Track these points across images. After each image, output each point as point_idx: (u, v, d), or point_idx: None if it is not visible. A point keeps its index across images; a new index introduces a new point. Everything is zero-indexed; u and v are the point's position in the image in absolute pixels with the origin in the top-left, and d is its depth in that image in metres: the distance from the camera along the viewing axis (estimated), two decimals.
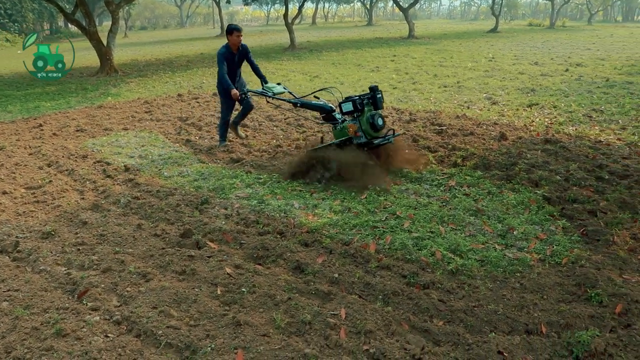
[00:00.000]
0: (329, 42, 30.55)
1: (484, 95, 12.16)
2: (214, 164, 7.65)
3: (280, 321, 3.74)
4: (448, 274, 4.43)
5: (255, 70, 8.34)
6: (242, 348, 3.46)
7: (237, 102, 8.33)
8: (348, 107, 6.63)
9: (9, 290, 4.31)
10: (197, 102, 12.02)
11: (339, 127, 6.81)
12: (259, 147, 8.36)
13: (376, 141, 6.47)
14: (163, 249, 4.97)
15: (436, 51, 22.97)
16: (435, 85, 13.59)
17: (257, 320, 3.77)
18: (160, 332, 3.68)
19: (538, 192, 6.00)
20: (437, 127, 8.97)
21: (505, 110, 10.52)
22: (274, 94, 7.40)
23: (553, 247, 4.82)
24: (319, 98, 7.41)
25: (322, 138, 7.48)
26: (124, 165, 7.62)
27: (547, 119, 9.56)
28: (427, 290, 4.16)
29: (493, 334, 3.64)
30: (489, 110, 10.56)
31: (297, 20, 42.85)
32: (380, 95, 6.78)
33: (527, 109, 10.55)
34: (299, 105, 7.21)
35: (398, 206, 5.75)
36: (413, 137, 8.37)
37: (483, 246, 4.87)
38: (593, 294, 3.98)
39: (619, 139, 8.12)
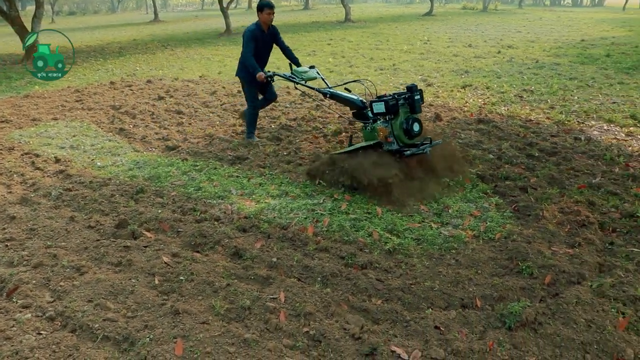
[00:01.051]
0: None
1: (419, 77, 12.36)
2: (149, 153, 7.49)
3: (220, 308, 3.72)
4: (385, 253, 4.51)
5: (286, 52, 7.52)
6: (181, 337, 3.43)
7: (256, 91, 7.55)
8: (380, 107, 5.76)
9: None
10: (131, 90, 11.71)
11: (368, 127, 6.06)
12: (195, 134, 8.23)
13: (408, 151, 5.60)
14: (98, 240, 4.85)
15: (372, 34, 23.14)
16: (372, 68, 13.70)
17: (196, 308, 3.73)
18: (97, 325, 3.59)
19: (472, 170, 6.16)
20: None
21: (440, 91, 10.73)
22: (305, 80, 6.75)
23: (487, 223, 4.98)
24: (350, 90, 6.85)
25: (350, 137, 6.73)
26: (55, 157, 7.36)
27: (480, 100, 9.81)
28: (365, 270, 4.22)
29: (430, 310, 3.74)
30: (424, 91, 10.73)
31: (232, 5, 42.25)
32: (419, 97, 5.80)
33: (461, 90, 10.80)
34: (328, 96, 6.59)
35: (335, 189, 5.80)
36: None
37: (419, 225, 4.98)
38: (524, 267, 4.13)
39: (548, 118, 8.42)
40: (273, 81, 7.20)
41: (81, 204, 5.69)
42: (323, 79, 7.02)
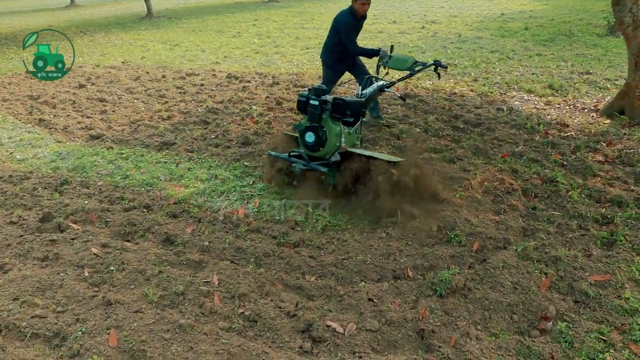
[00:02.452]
0: (189, 9, 29.53)
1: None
2: (72, 143, 7.24)
3: (153, 295, 3.68)
4: (317, 231, 4.56)
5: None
6: (114, 327, 3.37)
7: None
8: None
9: None
10: None
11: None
12: (119, 122, 8.01)
13: (296, 167, 4.96)
14: (21, 236, 4.67)
15: (297, 14, 23.02)
16: (298, 48, 13.67)
17: (129, 298, 3.68)
18: (24, 323, 3.47)
19: (400, 144, 6.29)
20: (300, 89, 9.07)
21: (367, 66, 10.82)
22: (414, 71, 5.66)
23: None
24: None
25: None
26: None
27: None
28: (298, 248, 4.27)
29: (363, 283, 3.83)
30: None
31: None
32: (316, 102, 4.85)
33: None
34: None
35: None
36: (276, 100, 8.42)
37: (348, 201, 5.05)
38: (453, 236, 4.28)
39: (471, 90, 8.67)
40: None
41: (1, 200, 5.46)
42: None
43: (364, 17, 6.67)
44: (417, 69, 5.62)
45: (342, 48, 6.59)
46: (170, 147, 6.78)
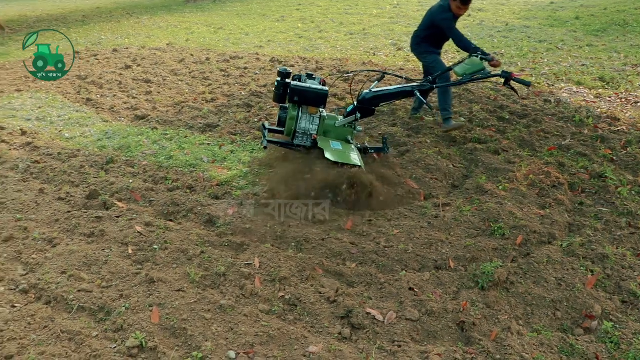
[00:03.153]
0: None
1: (390, 41, 12.30)
2: (118, 123, 7.37)
3: (195, 275, 3.73)
4: (359, 217, 4.54)
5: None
6: (157, 305, 3.44)
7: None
8: None
9: None
10: (97, 59, 11.44)
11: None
12: (164, 103, 8.12)
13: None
14: (69, 212, 4.79)
15: None
16: (342, 33, 13.59)
17: (171, 277, 3.74)
18: (72, 296, 3.58)
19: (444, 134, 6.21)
20: (345, 75, 9.02)
21: (411, 55, 10.69)
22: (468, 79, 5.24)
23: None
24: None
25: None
26: (21, 129, 7.19)
27: (451, 64, 9.80)
28: (339, 235, 4.25)
29: (404, 272, 3.81)
30: (394, 56, 10.71)
31: None
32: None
33: None
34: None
35: None
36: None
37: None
38: (496, 228, 4.22)
39: None
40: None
41: (50, 176, 5.61)
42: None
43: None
44: (475, 77, 5.11)
45: (433, 41, 6.44)
46: (214, 129, 6.84)
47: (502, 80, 4.94)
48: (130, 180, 5.35)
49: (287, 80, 4.97)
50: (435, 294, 3.53)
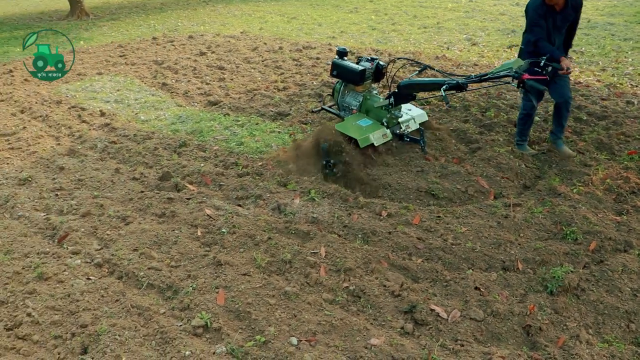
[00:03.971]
0: None
1: (464, 36, 12.04)
2: (192, 107, 7.54)
3: (261, 260, 3.78)
4: (427, 212, 4.48)
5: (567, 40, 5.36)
6: (223, 287, 3.51)
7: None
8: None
9: None
10: (173, 45, 11.73)
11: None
12: (236, 90, 8.24)
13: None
14: (142, 192, 4.95)
15: None
16: (415, 26, 13.41)
17: (238, 260, 3.80)
18: (142, 273, 3.71)
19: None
20: (417, 69, 8.89)
21: (485, 51, 10.45)
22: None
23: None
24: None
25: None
26: (100, 110, 7.48)
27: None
28: (406, 229, 4.21)
29: (470, 270, 3.73)
30: (468, 51, 10.48)
31: None
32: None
33: (507, 50, 10.49)
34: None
35: None
36: (392, 78, 8.29)
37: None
38: (568, 232, 4.06)
39: (598, 81, 8.14)
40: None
41: (126, 156, 5.81)
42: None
43: (572, 10, 5.05)
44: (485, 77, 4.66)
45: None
46: (285, 117, 6.89)
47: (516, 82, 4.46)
48: (202, 164, 5.46)
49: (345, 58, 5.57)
50: (502, 295, 3.44)
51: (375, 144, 5.05)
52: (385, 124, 5.24)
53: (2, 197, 4.96)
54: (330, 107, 6.04)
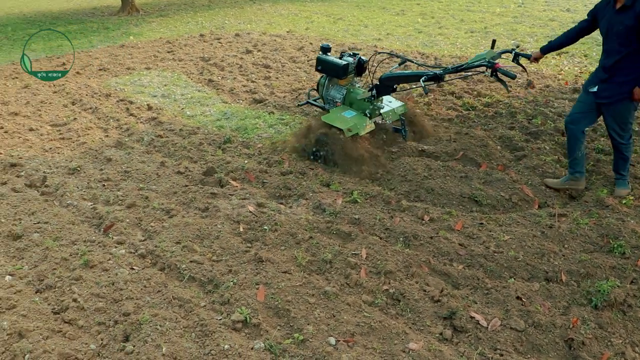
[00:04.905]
0: None
1: (512, 42, 11.84)
2: (237, 104, 7.62)
3: (302, 259, 3.79)
4: (470, 219, 4.42)
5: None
6: (263, 284, 3.53)
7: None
8: None
9: (38, 223, 4.42)
10: (220, 43, 11.88)
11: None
12: (281, 88, 8.29)
13: None
14: (186, 186, 5.03)
15: None
16: (462, 31, 13.26)
17: (279, 258, 3.83)
18: (184, 266, 3.76)
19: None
20: (463, 73, 8.78)
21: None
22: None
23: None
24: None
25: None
26: (147, 104, 7.63)
27: (576, 68, 9.32)
28: (448, 234, 4.17)
29: (512, 279, 3.67)
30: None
31: None
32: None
33: (556, 57, 10.27)
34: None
35: None
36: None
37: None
38: (616, 245, 3.95)
39: None
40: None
41: (171, 150, 5.91)
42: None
43: (624, 8, 4.29)
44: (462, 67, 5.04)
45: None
46: None
47: (490, 72, 4.82)
48: (245, 161, 5.51)
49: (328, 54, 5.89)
50: (544, 307, 3.38)
51: (360, 134, 5.35)
52: (368, 115, 5.55)
53: (53, 185, 5.11)
54: (315, 100, 6.38)
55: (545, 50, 5.17)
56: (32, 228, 4.34)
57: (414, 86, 6.68)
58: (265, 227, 4.22)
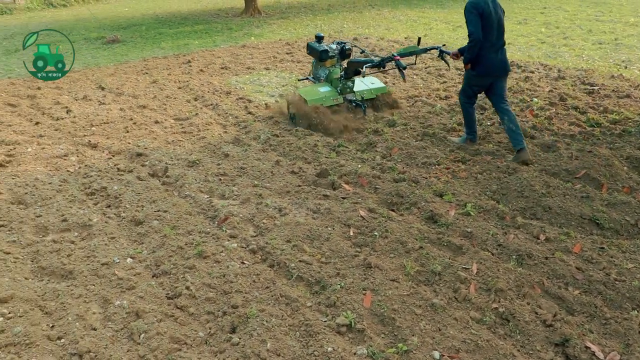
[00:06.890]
0: None
1: None
2: None
3: (410, 268, 3.74)
4: (590, 242, 4.17)
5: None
6: (371, 290, 3.51)
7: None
8: None
9: (159, 211, 4.67)
10: None
11: None
12: (397, 94, 8.23)
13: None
14: (299, 186, 5.11)
15: (593, 4, 21.11)
16: (589, 42, 12.56)
17: (388, 265, 3.79)
18: (293, 265, 3.82)
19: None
20: (588, 87, 8.32)
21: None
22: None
23: None
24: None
25: None
26: (265, 103, 7.85)
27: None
28: (565, 256, 3.95)
29: (636, 312, 3.41)
30: None
31: None
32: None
33: None
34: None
35: None
36: (560, 95, 7.83)
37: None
38: None
39: None
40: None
41: (286, 150, 6.03)
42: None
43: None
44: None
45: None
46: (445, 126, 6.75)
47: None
48: (359, 166, 5.52)
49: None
50: None
51: (324, 105, 6.80)
52: (339, 91, 6.97)
53: (173, 176, 5.38)
54: (309, 78, 7.95)
55: None
56: (152, 215, 4.59)
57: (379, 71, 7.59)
58: (376, 233, 4.19)
